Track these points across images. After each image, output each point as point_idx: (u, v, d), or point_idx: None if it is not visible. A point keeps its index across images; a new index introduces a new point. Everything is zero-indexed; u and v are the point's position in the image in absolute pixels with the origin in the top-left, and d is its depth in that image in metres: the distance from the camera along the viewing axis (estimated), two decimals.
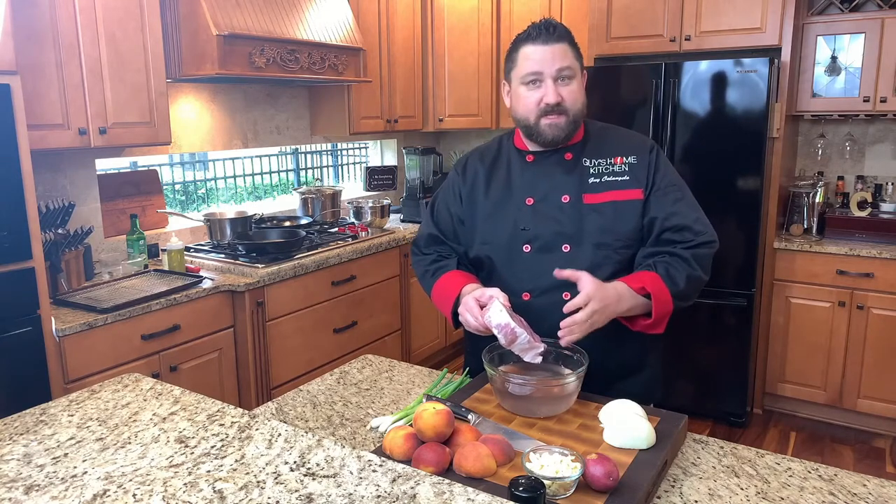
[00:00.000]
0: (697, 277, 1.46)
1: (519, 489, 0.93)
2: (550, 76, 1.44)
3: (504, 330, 1.33)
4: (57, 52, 2.35)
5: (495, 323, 1.34)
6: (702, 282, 1.48)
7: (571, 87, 1.46)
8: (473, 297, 1.41)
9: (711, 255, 1.50)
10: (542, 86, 1.45)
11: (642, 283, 1.41)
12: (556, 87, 1.44)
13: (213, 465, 1.01)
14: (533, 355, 1.37)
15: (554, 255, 1.50)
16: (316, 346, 3.12)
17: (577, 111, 1.48)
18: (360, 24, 3.61)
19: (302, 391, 1.59)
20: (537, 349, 1.36)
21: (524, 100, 1.48)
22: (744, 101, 3.14)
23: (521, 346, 1.35)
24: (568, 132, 1.49)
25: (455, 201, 1.64)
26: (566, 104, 1.46)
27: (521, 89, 1.49)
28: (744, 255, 3.25)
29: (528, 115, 1.49)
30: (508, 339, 1.34)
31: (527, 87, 1.47)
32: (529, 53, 1.46)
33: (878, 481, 1.17)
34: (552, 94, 1.44)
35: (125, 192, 3.08)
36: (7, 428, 1.18)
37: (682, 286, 1.43)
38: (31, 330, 2.08)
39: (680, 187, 1.53)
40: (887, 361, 3.21)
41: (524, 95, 1.48)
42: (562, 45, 1.45)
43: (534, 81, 1.46)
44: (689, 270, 1.45)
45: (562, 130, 1.48)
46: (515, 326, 1.33)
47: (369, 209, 3.76)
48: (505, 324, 1.33)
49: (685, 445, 1.30)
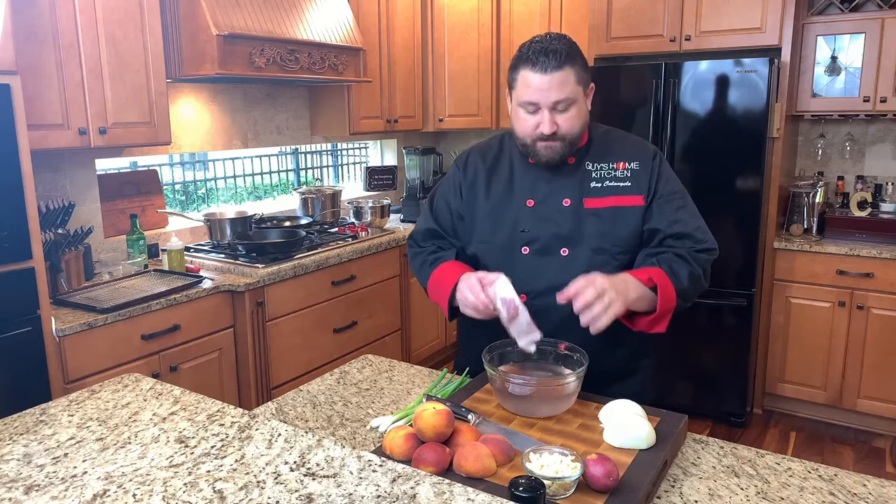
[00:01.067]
0: (698, 276, 1.47)
1: (519, 489, 0.93)
2: (547, 107, 1.43)
3: (508, 304, 1.33)
4: (57, 52, 2.35)
5: (500, 296, 1.33)
6: (702, 283, 1.49)
7: (569, 114, 1.44)
8: (477, 277, 1.41)
9: (710, 262, 1.51)
10: (538, 113, 1.45)
11: (648, 275, 1.41)
12: (552, 117, 1.43)
13: (213, 465, 1.01)
14: (528, 341, 1.37)
15: (552, 258, 1.50)
16: (316, 346, 3.12)
17: (575, 135, 1.47)
18: (360, 24, 3.61)
19: (302, 391, 1.59)
20: (534, 336, 1.36)
21: (522, 122, 1.48)
22: (744, 101, 3.14)
23: (520, 328, 1.35)
24: (563, 154, 1.48)
25: (455, 196, 1.64)
26: (562, 132, 1.45)
27: (519, 111, 1.48)
28: (744, 255, 3.25)
29: (525, 137, 1.49)
30: (510, 314, 1.34)
31: (524, 109, 1.47)
32: (529, 80, 1.42)
33: (878, 481, 1.17)
34: (548, 125, 1.43)
35: (125, 192, 3.08)
36: (7, 428, 1.18)
37: (685, 283, 1.43)
38: (31, 330, 2.08)
39: (682, 195, 1.54)
40: (887, 361, 3.21)
41: (522, 118, 1.48)
42: (562, 74, 1.41)
43: (531, 107, 1.45)
44: (690, 268, 1.45)
45: (557, 153, 1.48)
46: (520, 304, 1.33)
47: (369, 209, 3.76)
48: (510, 298, 1.33)
49: (685, 445, 1.30)
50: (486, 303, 1.37)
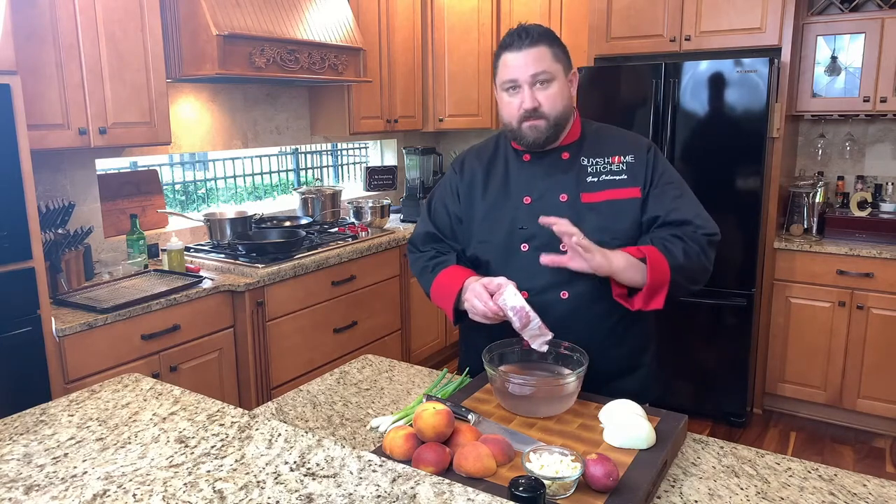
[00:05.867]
0: (696, 253, 1.45)
1: (519, 489, 0.93)
2: (526, 82, 1.46)
3: (520, 313, 1.36)
4: (57, 52, 2.35)
5: (510, 305, 1.36)
6: (701, 261, 1.47)
7: (550, 90, 1.47)
8: (481, 284, 1.42)
9: (713, 245, 1.50)
10: (520, 91, 1.48)
11: (638, 248, 1.42)
12: (532, 93, 1.46)
13: (213, 465, 1.01)
14: (541, 342, 1.39)
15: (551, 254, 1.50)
16: (316, 346, 3.12)
17: (558, 114, 1.49)
18: (360, 24, 3.61)
19: (302, 391, 1.59)
20: (546, 336, 1.39)
21: (507, 106, 1.52)
22: (744, 101, 3.14)
23: (533, 332, 1.38)
24: (549, 135, 1.50)
25: (453, 199, 1.65)
26: (544, 109, 1.47)
27: (503, 95, 1.52)
28: (744, 255, 3.25)
29: (511, 119, 1.51)
30: (523, 322, 1.36)
31: (507, 93, 1.51)
32: (507, 61, 1.49)
33: (878, 481, 1.17)
34: (529, 100, 1.46)
35: (125, 192, 3.08)
36: (7, 428, 1.18)
37: (679, 258, 1.42)
38: (31, 330, 2.08)
39: (678, 185, 1.54)
40: (887, 361, 3.21)
41: (506, 101, 1.51)
42: (537, 49, 1.46)
43: (512, 88, 1.49)
44: (684, 245, 1.44)
45: (542, 133, 1.49)
46: (530, 310, 1.36)
47: (369, 209, 3.76)
48: (521, 307, 1.36)
49: (685, 445, 1.30)
50: (496, 310, 1.38)
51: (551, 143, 1.53)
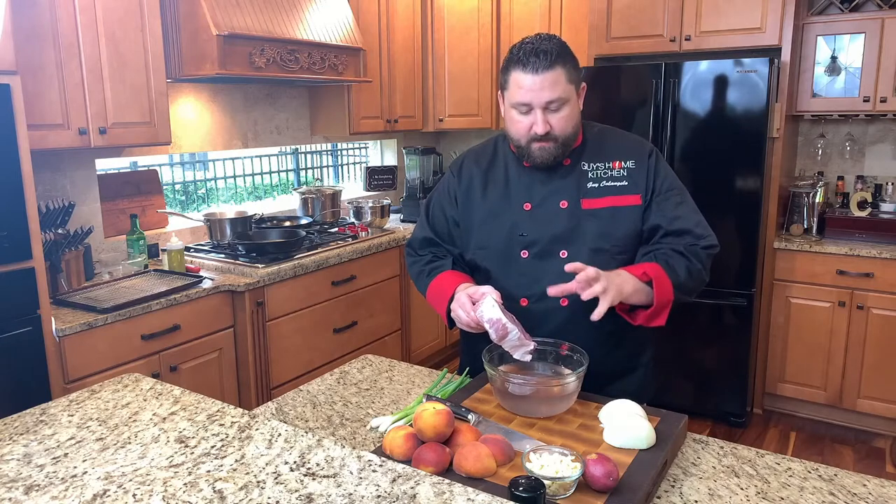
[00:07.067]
0: (698, 271, 1.47)
1: (519, 489, 0.93)
2: (539, 107, 1.43)
3: (495, 325, 1.34)
4: (57, 52, 2.35)
5: (486, 318, 1.34)
6: (702, 276, 1.49)
7: (562, 114, 1.44)
8: (466, 294, 1.41)
9: (711, 257, 1.51)
10: (531, 114, 1.44)
11: (643, 270, 1.41)
12: (545, 117, 1.43)
13: (213, 465, 1.01)
14: (523, 353, 1.38)
15: (551, 260, 1.50)
16: (316, 346, 3.12)
17: (568, 136, 1.47)
18: (360, 24, 3.61)
19: (302, 391, 1.59)
20: (527, 346, 1.37)
21: (516, 124, 1.48)
22: (744, 101, 3.14)
23: (512, 343, 1.36)
24: (557, 155, 1.48)
25: (450, 203, 1.64)
26: (555, 132, 1.45)
27: (512, 112, 1.48)
28: (744, 255, 3.25)
29: (520, 138, 1.49)
30: (499, 334, 1.35)
31: (517, 110, 1.46)
32: (520, 81, 1.42)
33: (878, 481, 1.17)
34: (541, 125, 1.43)
35: (125, 192, 3.08)
36: (7, 428, 1.18)
37: (682, 277, 1.43)
38: (31, 330, 2.08)
39: (680, 191, 1.54)
40: (887, 361, 3.21)
41: (516, 119, 1.47)
42: (553, 73, 1.40)
43: (524, 109, 1.45)
44: (687, 262, 1.45)
45: (550, 154, 1.47)
46: (507, 322, 1.34)
47: (369, 209, 3.76)
48: (496, 319, 1.33)
49: (685, 445, 1.30)
50: (479, 320, 1.37)
51: (559, 161, 1.50)
